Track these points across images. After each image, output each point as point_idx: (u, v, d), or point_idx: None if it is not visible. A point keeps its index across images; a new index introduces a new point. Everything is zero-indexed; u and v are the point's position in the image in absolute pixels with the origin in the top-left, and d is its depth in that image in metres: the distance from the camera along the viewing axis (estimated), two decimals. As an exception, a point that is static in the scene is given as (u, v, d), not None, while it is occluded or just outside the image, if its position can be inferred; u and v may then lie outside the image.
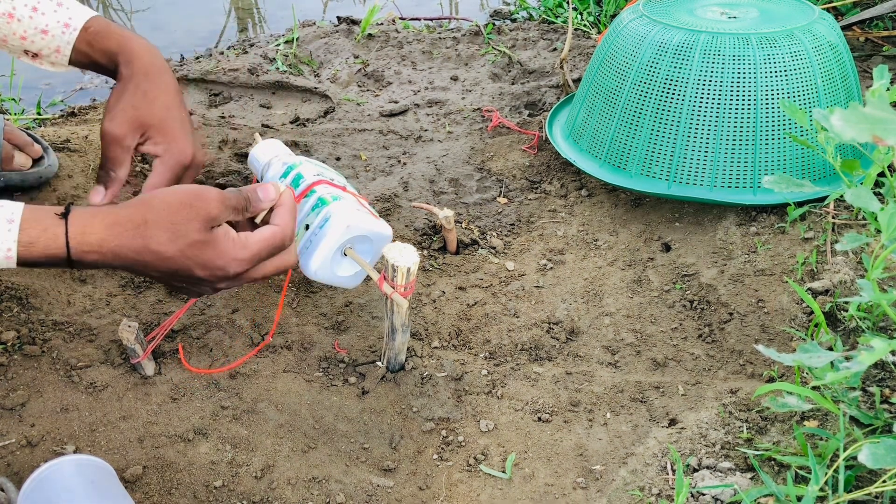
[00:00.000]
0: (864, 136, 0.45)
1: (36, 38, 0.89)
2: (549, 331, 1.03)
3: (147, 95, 0.85)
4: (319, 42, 2.03)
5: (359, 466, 0.84)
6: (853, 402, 0.74)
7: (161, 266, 0.69)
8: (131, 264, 0.69)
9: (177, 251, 0.69)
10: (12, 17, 0.88)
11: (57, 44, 0.89)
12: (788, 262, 1.02)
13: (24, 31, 0.89)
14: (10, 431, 0.83)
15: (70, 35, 0.88)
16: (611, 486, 0.79)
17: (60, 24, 0.89)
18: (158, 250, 0.69)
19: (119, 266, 0.69)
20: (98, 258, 0.68)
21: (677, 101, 1.14)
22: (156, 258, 0.69)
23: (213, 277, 0.71)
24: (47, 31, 0.89)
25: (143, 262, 0.69)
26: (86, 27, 0.89)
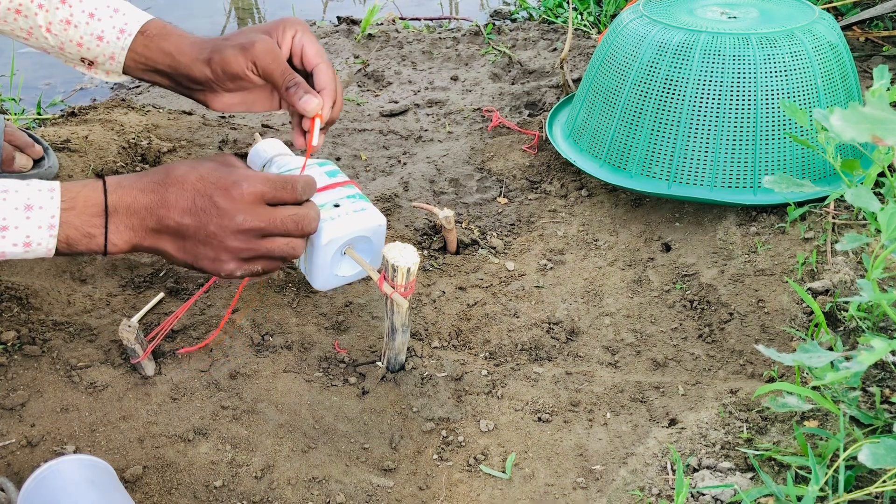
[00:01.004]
0: (864, 136, 0.45)
1: (91, 44, 0.88)
2: (549, 331, 1.03)
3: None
4: (319, 42, 2.03)
5: (359, 466, 0.84)
6: (853, 402, 0.74)
7: (182, 199, 0.72)
8: (157, 202, 0.72)
9: (196, 176, 0.73)
10: (69, 23, 0.88)
11: (112, 50, 0.88)
12: (788, 262, 1.02)
13: (80, 37, 0.88)
14: (10, 431, 0.83)
15: (125, 41, 0.88)
16: (611, 486, 0.79)
17: (116, 29, 0.88)
18: (178, 175, 0.73)
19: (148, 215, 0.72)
20: (131, 201, 0.72)
21: (677, 101, 1.14)
22: (178, 182, 0.73)
23: (230, 198, 0.72)
24: (102, 38, 0.88)
25: (166, 197, 0.72)
26: (142, 31, 0.88)
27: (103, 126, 1.44)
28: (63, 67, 0.93)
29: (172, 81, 0.89)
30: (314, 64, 0.86)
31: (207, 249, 0.73)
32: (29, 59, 1.82)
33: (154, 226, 0.72)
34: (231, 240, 0.73)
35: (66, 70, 0.95)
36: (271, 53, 0.83)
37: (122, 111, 1.54)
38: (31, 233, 0.68)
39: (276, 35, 0.86)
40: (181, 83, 0.89)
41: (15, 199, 0.68)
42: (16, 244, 0.68)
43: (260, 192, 0.74)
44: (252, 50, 0.82)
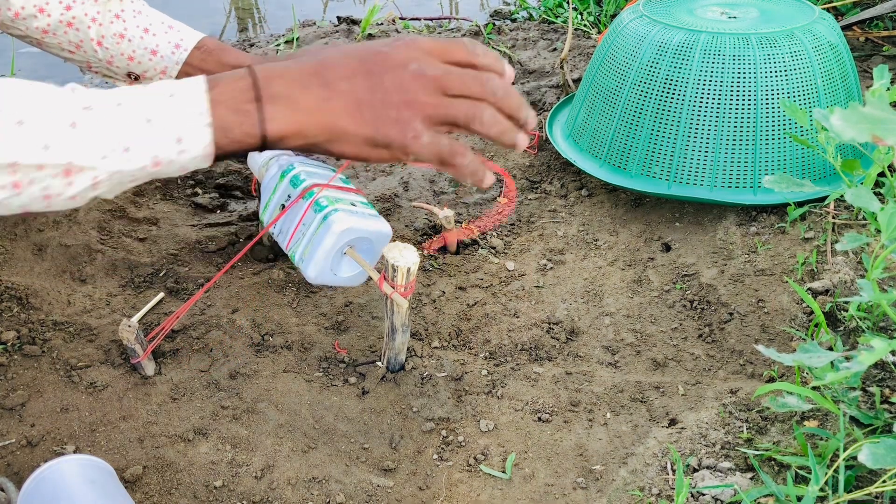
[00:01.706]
0: (864, 135, 0.45)
1: (144, 58, 0.89)
2: (549, 331, 1.03)
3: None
4: (319, 42, 2.03)
5: (359, 466, 0.84)
6: (853, 402, 0.74)
7: (344, 63, 0.61)
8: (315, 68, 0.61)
9: (347, 46, 0.63)
10: (123, 37, 0.89)
11: (164, 65, 0.90)
12: (788, 262, 1.02)
13: (132, 50, 0.89)
14: (10, 431, 0.83)
15: (180, 55, 0.90)
16: (611, 486, 0.79)
17: (171, 44, 0.90)
18: (327, 47, 0.63)
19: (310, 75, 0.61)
20: (283, 67, 0.61)
21: (677, 101, 1.14)
22: (333, 52, 0.62)
23: (402, 55, 0.61)
24: (157, 52, 0.89)
25: (325, 62, 0.61)
26: (197, 46, 0.90)
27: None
28: (63, 66, 0.93)
29: None
30: None
31: (389, 109, 0.61)
32: (29, 59, 1.82)
33: (319, 94, 0.60)
34: (413, 91, 0.61)
35: (67, 70, 0.95)
36: None
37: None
38: (180, 122, 0.57)
39: None
40: None
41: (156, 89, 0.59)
42: (167, 140, 0.56)
43: (427, 44, 0.63)
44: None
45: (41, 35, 0.88)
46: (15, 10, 0.85)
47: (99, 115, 0.56)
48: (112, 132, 0.56)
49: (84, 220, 1.15)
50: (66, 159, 0.55)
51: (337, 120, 0.60)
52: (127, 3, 0.90)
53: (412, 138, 0.61)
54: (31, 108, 0.55)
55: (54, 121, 0.55)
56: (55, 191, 0.56)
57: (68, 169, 0.56)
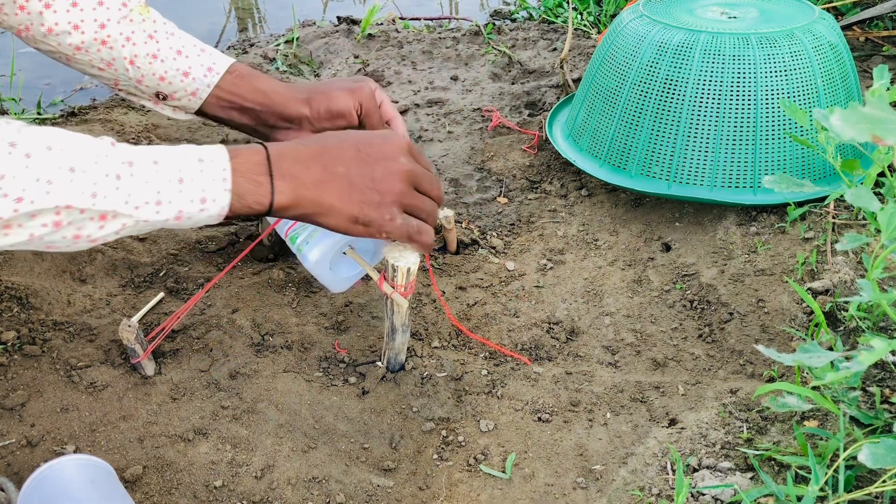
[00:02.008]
0: (864, 135, 0.45)
1: (175, 79, 0.91)
2: (549, 331, 1.03)
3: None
4: (319, 42, 2.03)
5: (359, 466, 0.84)
6: (853, 402, 0.74)
7: (346, 149, 0.75)
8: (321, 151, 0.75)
9: (352, 133, 0.79)
10: (156, 57, 0.91)
11: (196, 87, 0.92)
12: (788, 262, 1.02)
13: (164, 71, 0.91)
14: (10, 431, 0.83)
15: (212, 78, 0.92)
16: (611, 486, 0.79)
17: (204, 67, 0.92)
18: (334, 133, 0.79)
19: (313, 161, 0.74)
20: (293, 152, 0.74)
21: (677, 101, 1.14)
22: (338, 140, 0.77)
23: (393, 150, 0.77)
24: (189, 73, 0.91)
25: (328, 148, 0.75)
26: (230, 70, 0.93)
27: (103, 126, 1.44)
28: (63, 67, 0.93)
29: (255, 119, 0.93)
30: (390, 116, 0.96)
31: (373, 194, 0.75)
32: (29, 59, 1.81)
33: (318, 175, 0.74)
34: (395, 182, 0.76)
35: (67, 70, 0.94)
36: (373, 99, 0.93)
37: (121, 111, 1.54)
38: (206, 185, 0.68)
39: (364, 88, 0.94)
40: (266, 121, 0.93)
41: (185, 155, 0.69)
42: (192, 199, 0.68)
43: (409, 144, 0.79)
44: (360, 93, 0.92)
45: (73, 52, 0.89)
46: (48, 27, 0.86)
47: (139, 171, 0.66)
48: (150, 188, 0.66)
49: (84, 220, 1.15)
50: (110, 207, 0.64)
51: (329, 198, 0.74)
52: (160, 25, 0.92)
53: (388, 220, 0.76)
54: (80, 157, 0.63)
55: (101, 171, 0.63)
56: (86, 232, 0.65)
57: (104, 215, 0.64)
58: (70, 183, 0.62)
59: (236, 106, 0.93)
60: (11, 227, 0.61)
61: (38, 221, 0.62)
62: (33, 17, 0.85)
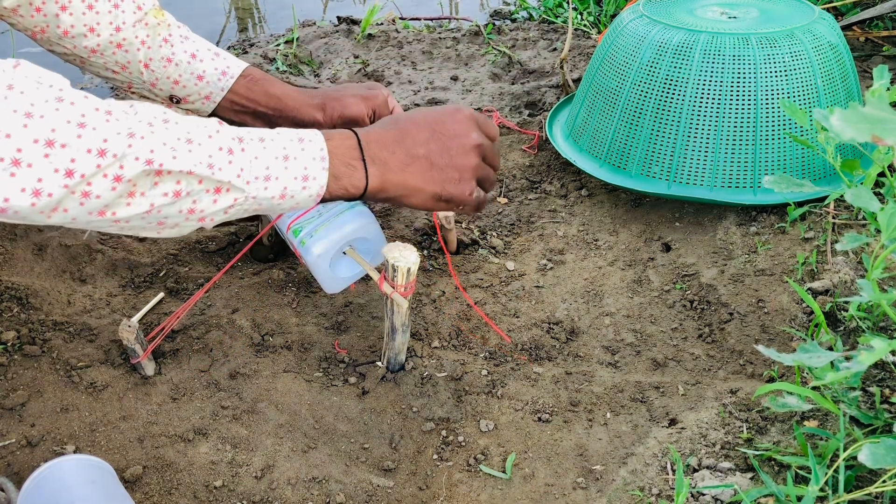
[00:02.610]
0: (864, 135, 0.45)
1: (189, 83, 0.91)
2: (549, 331, 1.03)
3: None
4: (319, 42, 2.03)
5: (359, 466, 0.84)
6: (853, 402, 0.74)
7: (422, 130, 0.77)
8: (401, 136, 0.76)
9: (422, 113, 0.79)
10: (170, 61, 0.91)
11: (210, 90, 0.92)
12: (788, 262, 1.02)
13: (178, 75, 0.91)
14: (10, 431, 0.83)
15: (226, 82, 0.92)
16: (611, 486, 0.79)
17: (218, 70, 0.92)
18: (408, 115, 0.79)
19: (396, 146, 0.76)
20: (377, 136, 0.75)
21: (677, 101, 1.14)
22: (412, 122, 0.78)
23: (464, 127, 0.78)
24: (203, 77, 0.92)
25: (407, 131, 0.77)
26: (244, 74, 0.93)
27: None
28: (64, 66, 0.93)
29: (268, 124, 0.93)
30: None
31: (453, 171, 0.78)
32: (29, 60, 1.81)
33: (402, 159, 0.76)
34: (470, 157, 0.79)
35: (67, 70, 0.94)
36: (386, 106, 0.94)
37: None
38: (307, 164, 0.70)
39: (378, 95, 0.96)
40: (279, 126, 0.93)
41: (287, 133, 0.70)
42: (296, 177, 0.69)
43: (475, 116, 0.81)
44: (374, 100, 0.93)
45: (89, 54, 0.89)
46: (64, 29, 0.86)
47: (249, 147, 0.67)
48: (259, 163, 0.67)
49: (84, 220, 1.15)
50: (226, 179, 0.65)
51: (414, 181, 0.76)
52: (174, 29, 0.92)
53: (468, 195, 0.80)
54: (195, 131, 0.64)
55: (215, 144, 0.65)
56: (200, 206, 0.65)
57: (219, 187, 0.65)
58: (189, 153, 0.62)
59: (249, 111, 0.93)
60: (134, 196, 0.61)
61: (160, 190, 0.62)
62: (49, 19, 0.85)
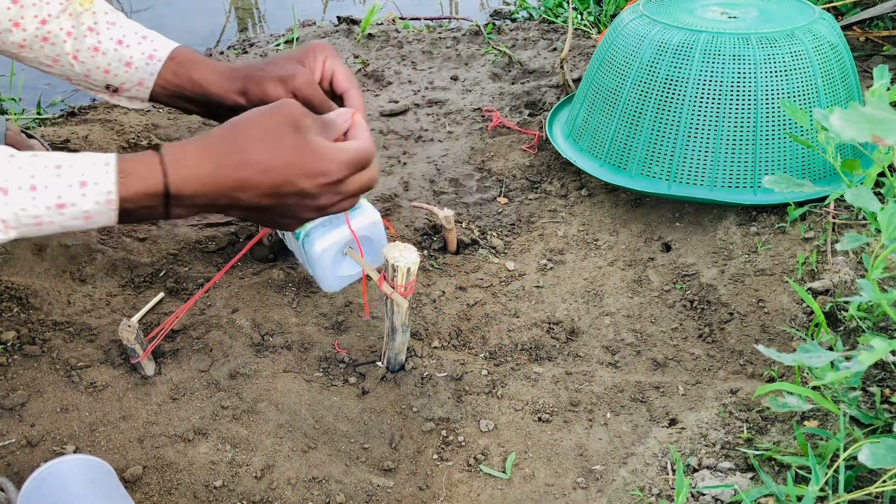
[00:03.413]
0: (864, 135, 0.45)
1: (119, 70, 0.88)
2: (550, 331, 1.03)
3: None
4: (319, 42, 2.03)
5: (359, 466, 0.84)
6: (853, 402, 0.74)
7: (263, 181, 0.69)
8: (232, 186, 0.68)
9: (278, 160, 0.69)
10: (97, 50, 0.88)
11: (140, 76, 0.89)
12: (788, 262, 1.02)
13: (108, 64, 0.88)
14: (10, 431, 0.83)
15: (154, 66, 0.88)
16: (611, 486, 0.79)
17: (145, 55, 0.89)
18: (259, 160, 0.69)
19: (219, 195, 0.69)
20: (197, 186, 0.68)
21: (677, 101, 1.14)
22: (257, 171, 0.69)
23: (316, 187, 0.71)
24: (131, 64, 0.88)
25: (244, 179, 0.68)
26: (171, 57, 0.89)
27: (103, 126, 1.44)
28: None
29: (201, 108, 0.90)
30: (344, 88, 0.88)
31: (284, 219, 0.74)
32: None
33: (226, 203, 0.71)
34: (310, 213, 0.74)
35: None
36: (311, 85, 0.85)
37: (121, 111, 1.54)
38: (88, 208, 0.65)
39: (308, 62, 0.88)
40: (210, 110, 0.90)
41: (69, 174, 0.65)
42: (76, 218, 0.65)
43: (345, 175, 0.73)
44: (293, 82, 0.85)
45: (18, 49, 0.87)
46: None
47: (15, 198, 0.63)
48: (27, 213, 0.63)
49: (84, 220, 1.15)
50: None
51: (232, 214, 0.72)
52: (101, 16, 0.89)
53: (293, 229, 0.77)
54: None
55: None
56: None
57: None
58: None
59: (180, 95, 0.90)
60: None
61: None
62: None
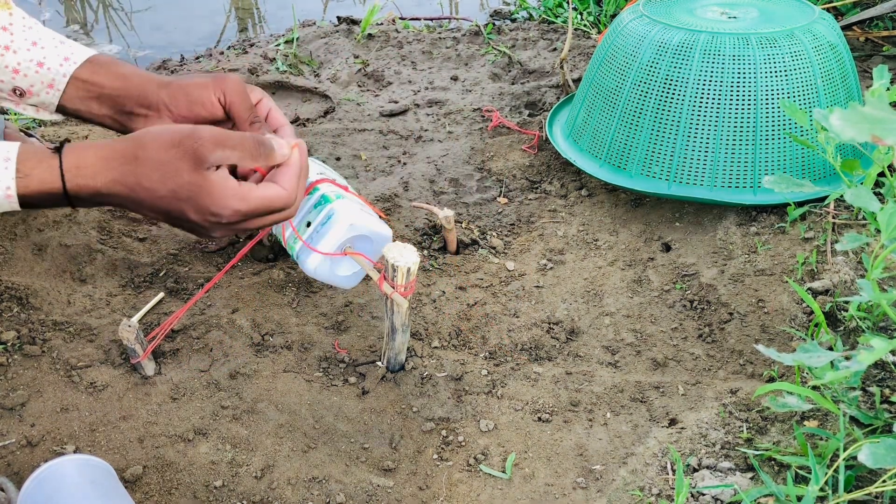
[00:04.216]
0: (864, 135, 0.45)
1: (30, 70, 0.85)
2: (549, 331, 1.03)
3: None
4: (319, 42, 2.03)
5: (359, 466, 0.84)
6: (853, 402, 0.74)
7: (154, 205, 0.69)
8: (126, 200, 0.69)
9: (168, 192, 0.69)
10: (8, 48, 0.85)
11: (52, 77, 0.86)
12: (788, 262, 1.02)
13: (17, 62, 0.85)
14: (10, 431, 0.83)
15: (68, 67, 0.86)
16: (611, 486, 0.79)
17: (60, 56, 0.86)
18: (151, 188, 0.69)
19: (116, 202, 0.70)
20: (93, 193, 0.68)
21: (677, 101, 1.14)
22: (149, 196, 0.69)
23: (206, 223, 0.71)
24: (43, 63, 0.85)
25: (137, 199, 0.69)
26: (89, 60, 0.87)
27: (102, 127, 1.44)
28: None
29: (114, 106, 0.87)
30: (280, 124, 0.87)
31: (191, 233, 0.74)
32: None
33: (126, 207, 0.71)
34: (217, 232, 0.73)
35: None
36: (241, 90, 0.84)
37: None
38: None
39: (228, 79, 0.86)
40: (124, 107, 0.86)
41: None
42: None
43: (239, 220, 0.72)
44: (224, 82, 0.84)
45: None
46: None
47: None
48: None
49: (84, 220, 1.15)
50: None
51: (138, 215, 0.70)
52: (17, 18, 0.87)
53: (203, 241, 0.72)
54: None
55: None
56: None
57: None
58: None
59: (94, 94, 0.87)
60: None
61: None
62: None
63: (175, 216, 0.70)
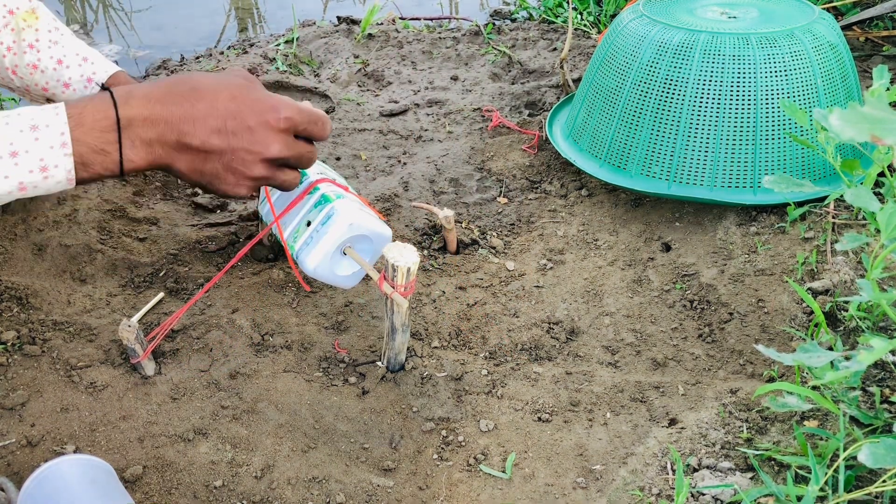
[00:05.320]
0: (864, 135, 0.45)
1: (58, 90, 0.86)
2: (549, 331, 1.03)
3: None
4: (319, 42, 2.03)
5: (359, 466, 0.84)
6: (853, 402, 0.74)
7: (213, 110, 0.66)
8: (180, 117, 0.66)
9: (227, 85, 0.67)
10: (36, 67, 0.86)
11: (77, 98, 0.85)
12: (788, 262, 1.02)
13: (45, 82, 0.87)
14: (10, 431, 0.83)
15: (91, 90, 0.87)
16: (611, 486, 0.79)
17: (84, 78, 0.87)
18: (208, 86, 0.67)
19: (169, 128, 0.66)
20: (147, 112, 0.65)
21: (677, 101, 1.14)
22: (207, 98, 0.66)
23: (265, 126, 0.67)
24: (69, 85, 0.87)
25: (193, 109, 0.66)
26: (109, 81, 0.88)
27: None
28: (63, 67, 0.93)
29: None
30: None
31: (229, 175, 0.70)
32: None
33: (174, 140, 0.66)
34: (257, 168, 0.70)
35: None
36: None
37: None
38: (44, 154, 0.62)
39: None
40: None
41: (18, 121, 0.62)
42: (32, 170, 0.62)
43: (295, 122, 0.70)
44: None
45: None
46: None
47: None
48: None
49: (84, 220, 1.15)
50: None
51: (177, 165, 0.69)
52: (43, 33, 0.87)
53: (236, 195, 0.72)
54: None
55: None
56: None
57: None
58: None
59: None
60: None
61: None
62: None
63: (231, 126, 0.67)
